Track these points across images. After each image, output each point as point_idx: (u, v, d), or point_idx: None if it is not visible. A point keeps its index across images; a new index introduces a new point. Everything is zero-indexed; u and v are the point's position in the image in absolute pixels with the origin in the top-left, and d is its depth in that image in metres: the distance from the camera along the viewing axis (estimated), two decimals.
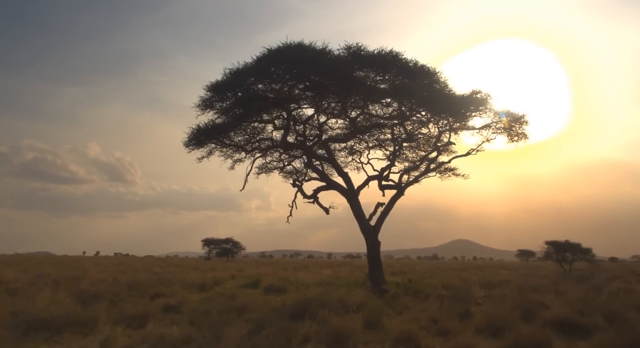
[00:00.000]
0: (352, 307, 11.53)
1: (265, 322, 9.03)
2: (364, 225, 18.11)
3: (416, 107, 17.54)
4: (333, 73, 15.41)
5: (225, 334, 8.18)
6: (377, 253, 17.97)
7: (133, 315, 9.77)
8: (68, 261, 49.59)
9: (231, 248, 63.82)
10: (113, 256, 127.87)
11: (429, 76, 16.94)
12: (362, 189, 18.97)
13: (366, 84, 16.26)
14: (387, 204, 18.78)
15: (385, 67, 16.46)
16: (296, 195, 21.13)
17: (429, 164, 19.57)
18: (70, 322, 8.70)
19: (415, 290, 16.24)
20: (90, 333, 8.45)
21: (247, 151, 19.92)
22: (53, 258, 62.14)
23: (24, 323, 8.64)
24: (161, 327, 9.00)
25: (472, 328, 9.62)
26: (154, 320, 9.87)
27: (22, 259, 50.89)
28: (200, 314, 10.57)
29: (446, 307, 12.12)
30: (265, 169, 21.69)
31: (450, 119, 17.97)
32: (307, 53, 15.83)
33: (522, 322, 10.12)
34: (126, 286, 15.09)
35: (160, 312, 10.57)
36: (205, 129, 18.55)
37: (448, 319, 10.22)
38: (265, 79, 16.94)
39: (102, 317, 9.08)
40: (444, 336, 8.81)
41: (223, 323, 9.56)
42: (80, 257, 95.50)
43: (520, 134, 18.24)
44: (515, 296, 15.52)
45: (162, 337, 8.09)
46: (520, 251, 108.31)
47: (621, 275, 33.66)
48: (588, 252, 35.90)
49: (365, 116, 18.16)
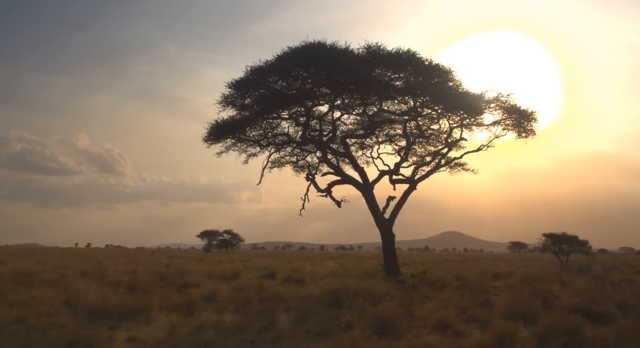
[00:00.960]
0: (379, 296, 12.20)
1: (308, 310, 9.62)
2: (379, 218, 18.74)
3: (430, 104, 18.12)
4: (353, 72, 15.92)
5: (277, 321, 8.78)
6: (392, 245, 18.64)
7: (179, 304, 10.32)
8: (72, 253, 49.84)
9: (230, 240, 64.33)
10: (105, 248, 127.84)
11: (443, 74, 17.52)
12: (376, 183, 19.57)
13: (384, 82, 16.79)
14: (401, 198, 19.43)
15: (402, 65, 17.01)
16: (308, 189, 21.70)
17: (440, 159, 20.19)
18: (127, 311, 9.24)
19: (430, 281, 16.94)
20: (147, 321, 8.98)
21: (263, 145, 20.43)
22: (55, 250, 62.21)
23: (82, 312, 9.14)
24: (210, 315, 9.55)
25: (498, 316, 10.25)
26: (198, 308, 10.41)
27: (24, 251, 50.99)
28: (242, 303, 11.13)
29: (467, 296, 12.82)
30: (278, 164, 22.20)
31: (463, 116, 18.56)
32: (328, 52, 16.34)
33: (543, 310, 10.80)
34: (156, 277, 15.60)
35: (202, 301, 11.11)
36: (223, 125, 19.05)
37: (474, 307, 10.88)
38: (286, 77, 17.41)
39: (155, 305, 9.61)
40: (476, 323, 9.44)
41: (267, 311, 10.18)
42: (78, 249, 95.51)
43: (529, 130, 18.91)
44: (525, 287, 16.28)
45: (218, 323, 8.68)
46: (512, 243, 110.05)
47: (616, 266, 34.78)
48: (585, 244, 36.81)
49: (380, 113, 18.70)
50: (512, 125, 18.87)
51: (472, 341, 7.50)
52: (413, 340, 7.40)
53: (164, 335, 7.95)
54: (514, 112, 18.63)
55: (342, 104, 18.33)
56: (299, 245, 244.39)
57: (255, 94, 17.81)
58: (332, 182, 20.43)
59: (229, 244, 64.07)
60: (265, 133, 20.23)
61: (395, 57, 16.66)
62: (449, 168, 20.81)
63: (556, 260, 39.54)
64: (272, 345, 7.31)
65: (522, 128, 18.73)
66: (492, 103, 18.46)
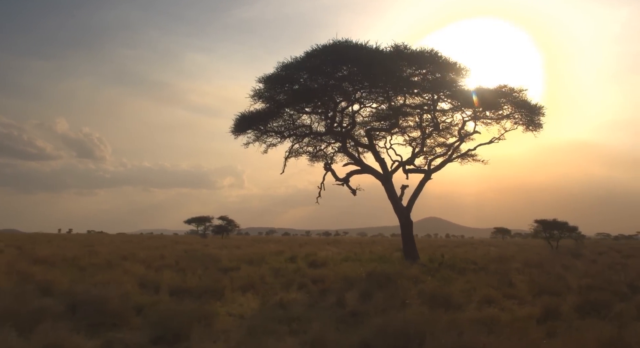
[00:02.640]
0: (412, 277, 13.47)
1: (366, 289, 10.77)
2: (398, 205, 19.96)
3: (450, 99, 19.29)
4: (382, 69, 16.98)
5: (346, 297, 9.91)
6: (411, 231, 19.89)
7: (243, 285, 11.38)
8: (68, 239, 50.20)
9: (226, 226, 65.20)
10: (88, 234, 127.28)
11: (460, 71, 18.68)
12: (394, 173, 20.75)
13: (408, 78, 17.89)
14: (417, 187, 20.64)
15: (424, 63, 18.11)
16: (324, 177, 22.83)
17: (454, 150, 21.43)
18: (205, 291, 10.27)
19: (447, 265, 18.27)
20: (226, 299, 10.02)
21: (285, 136, 21.42)
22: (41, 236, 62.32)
23: (164, 292, 10.11)
24: (280, 294, 10.63)
25: (528, 294, 11.53)
26: (258, 288, 11.49)
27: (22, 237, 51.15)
28: (292, 284, 12.22)
29: (491, 278, 14.13)
30: (296, 154, 23.22)
31: (477, 110, 19.76)
32: (356, 51, 17.37)
33: (564, 289, 12.12)
34: (196, 262, 16.59)
35: (260, 283, 12.17)
36: (248, 117, 20.01)
37: (503, 287, 12.17)
38: (314, 73, 18.38)
39: (228, 286, 10.66)
40: (513, 299, 10.69)
41: (325, 291, 11.30)
42: (65, 235, 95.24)
43: (537, 124, 20.22)
44: (533, 270, 17.67)
45: (294, 301, 9.78)
46: (496, 229, 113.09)
47: (604, 251, 36.74)
48: (574, 230, 38.81)
49: (404, 106, 19.80)
50: (522, 119, 20.12)
51: (524, 313, 8.73)
52: (476, 312, 8.58)
53: (252, 311, 9.02)
54: (523, 106, 19.89)
55: (365, 98, 19.39)
56: (282, 231, 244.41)
57: (284, 88, 18.72)
58: (351, 171, 21.54)
59: (224, 230, 64.97)
60: (287, 125, 21.20)
61: (418, 55, 17.74)
62: (460, 158, 22.07)
63: (547, 245, 41.58)
64: (374, 316, 8.35)
65: (531, 122, 20.00)
66: (503, 98, 19.69)
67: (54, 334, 5.88)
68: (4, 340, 5.39)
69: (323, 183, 23.16)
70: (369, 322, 8.10)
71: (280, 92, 19.03)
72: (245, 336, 6.70)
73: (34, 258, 15.88)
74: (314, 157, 23.72)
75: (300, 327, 7.50)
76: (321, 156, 23.52)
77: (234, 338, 6.57)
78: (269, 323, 7.66)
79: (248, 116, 20.24)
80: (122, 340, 6.43)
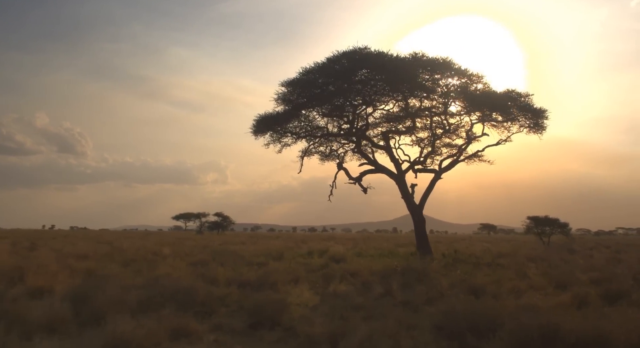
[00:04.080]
0: (436, 271, 14.60)
1: (407, 281, 11.82)
2: (411, 204, 21.06)
3: (461, 103, 20.44)
4: (402, 75, 18.04)
5: (392, 289, 10.93)
6: (424, 227, 21.00)
7: (289, 279, 12.33)
8: (67, 234, 50.39)
9: (222, 222, 65.77)
10: (71, 230, 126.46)
11: (473, 77, 19.83)
12: (406, 173, 21.84)
13: (424, 83, 18.99)
14: (428, 186, 21.76)
15: (439, 69, 19.21)
16: (336, 176, 23.88)
17: (462, 151, 22.59)
18: (260, 283, 11.20)
19: (460, 260, 19.42)
20: (283, 291, 10.95)
21: (301, 136, 22.39)
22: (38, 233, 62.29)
23: (222, 284, 11.03)
24: (330, 286, 11.61)
25: (549, 285, 12.67)
26: (303, 281, 12.45)
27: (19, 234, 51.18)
28: (329, 278, 13.18)
29: (507, 271, 15.30)
30: (308, 153, 24.19)
31: (486, 113, 20.91)
32: (375, 57, 18.42)
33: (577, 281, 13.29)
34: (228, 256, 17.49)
35: (304, 276, 13.13)
36: (266, 119, 20.97)
37: (523, 279, 13.31)
38: (335, 77, 19.36)
39: (279, 279, 11.60)
40: (537, 290, 11.82)
41: (367, 283, 12.31)
42: (50, 231, 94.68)
43: (542, 127, 21.46)
44: (539, 264, 18.92)
45: (345, 292, 10.77)
46: (482, 225, 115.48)
47: (594, 246, 38.45)
48: (565, 226, 40.39)
49: (420, 110, 20.90)
50: (527, 122, 21.33)
51: (557, 301, 9.85)
52: (515, 300, 9.67)
53: (314, 301, 9.98)
54: (528, 110, 21.10)
55: (383, 101, 20.46)
56: (267, 227, 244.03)
57: (305, 91, 19.68)
58: (365, 171, 22.58)
59: (220, 226, 65.54)
60: (304, 126, 22.17)
61: (434, 62, 18.84)
62: (467, 159, 23.23)
63: (538, 241, 43.15)
64: (426, 305, 9.38)
65: (536, 125, 21.22)
66: (511, 101, 20.88)
67: (176, 320, 6.80)
68: (141, 324, 6.27)
69: (335, 181, 24.20)
70: (423, 309, 9.20)
71: (301, 96, 19.96)
72: (329, 321, 7.65)
73: (75, 255, 16.56)
74: (325, 157, 24.70)
75: (368, 313, 8.47)
76: (333, 155, 24.51)
77: (320, 323, 7.51)
78: (338, 310, 8.62)
79: (266, 117, 21.15)
80: (228, 325, 7.36)
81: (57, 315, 6.70)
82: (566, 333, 5.81)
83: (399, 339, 6.24)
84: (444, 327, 7.23)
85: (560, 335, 5.80)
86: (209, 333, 6.87)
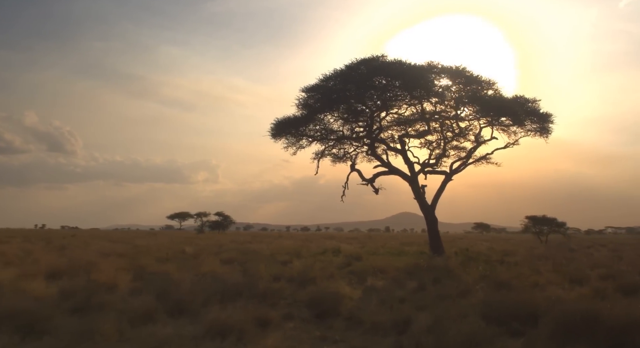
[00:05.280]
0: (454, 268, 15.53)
1: (436, 277, 12.73)
2: (424, 204, 22.02)
3: (472, 108, 21.44)
4: (419, 82, 19.01)
5: (424, 282, 11.82)
6: (436, 227, 21.97)
7: (326, 275, 13.20)
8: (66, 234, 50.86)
9: (222, 221, 66.46)
10: (62, 230, 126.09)
11: (485, 84, 20.82)
12: (418, 175, 22.79)
13: (439, 89, 19.97)
14: (440, 187, 22.72)
15: (453, 76, 20.20)
16: (348, 177, 24.81)
17: (471, 154, 23.58)
18: (301, 279, 12.06)
19: (471, 258, 20.41)
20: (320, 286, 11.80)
21: (317, 139, 23.30)
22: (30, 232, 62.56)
23: (266, 281, 11.88)
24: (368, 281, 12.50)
25: (563, 280, 13.62)
26: (337, 278, 13.31)
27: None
28: (370, 273, 14.04)
29: (520, 268, 16.28)
30: (322, 155, 25.09)
31: (499, 118, 21.88)
32: (393, 65, 19.39)
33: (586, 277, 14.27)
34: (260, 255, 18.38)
35: (336, 273, 14.00)
36: (284, 123, 21.88)
37: (538, 274, 14.28)
38: (353, 83, 20.28)
39: (318, 275, 12.48)
40: (554, 285, 12.77)
41: (397, 279, 13.21)
42: (44, 231, 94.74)
43: (547, 131, 22.48)
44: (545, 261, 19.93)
45: (382, 286, 11.66)
46: (476, 224, 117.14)
47: (591, 245, 39.72)
48: (562, 225, 41.67)
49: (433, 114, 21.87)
50: (534, 126, 22.35)
51: (576, 294, 10.79)
52: (542, 292, 10.61)
53: (357, 294, 10.84)
54: (534, 114, 22.13)
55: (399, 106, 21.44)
56: (259, 226, 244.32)
57: (325, 97, 20.59)
58: (378, 173, 23.51)
59: (220, 225, 66.19)
60: (320, 130, 23.07)
61: (448, 70, 19.82)
62: (476, 161, 24.22)
63: (536, 239, 44.42)
64: (459, 298, 10.29)
65: (542, 129, 22.25)
66: (519, 106, 21.89)
67: (255, 310, 7.64)
68: (229, 312, 7.10)
69: (347, 182, 25.10)
70: (458, 301, 10.09)
71: (319, 101, 20.85)
72: (384, 310, 8.51)
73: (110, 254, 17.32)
74: (337, 158, 25.60)
75: (413, 304, 9.34)
76: (345, 157, 25.42)
77: (378, 312, 8.37)
78: (386, 302, 9.50)
79: (284, 121, 22.04)
80: (297, 314, 8.22)
81: (150, 306, 7.51)
82: (605, 319, 6.73)
83: (459, 325, 7.13)
84: (489, 316, 8.13)
85: (601, 320, 6.71)
86: (284, 322, 7.72)
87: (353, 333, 7.36)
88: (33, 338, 6.17)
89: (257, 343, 6.35)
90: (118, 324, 6.49)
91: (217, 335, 6.40)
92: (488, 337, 6.65)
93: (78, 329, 6.23)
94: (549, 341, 6.53)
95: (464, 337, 6.53)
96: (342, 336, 7.13)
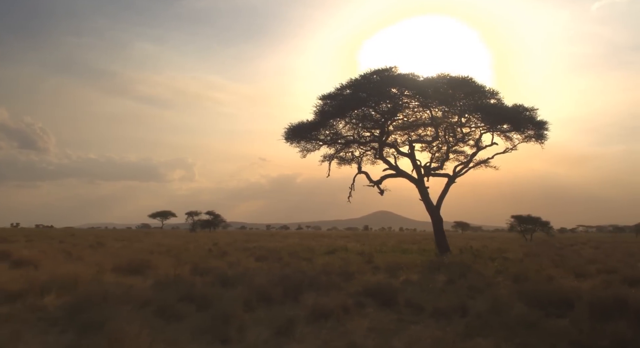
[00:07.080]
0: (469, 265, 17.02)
1: (456, 272, 14.17)
2: (430, 205, 23.52)
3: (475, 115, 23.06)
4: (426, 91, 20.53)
5: (453, 275, 13.22)
6: (441, 226, 23.50)
7: (357, 270, 14.52)
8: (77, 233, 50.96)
9: (213, 220, 67.14)
10: (36, 228, 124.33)
11: (488, 93, 22.47)
12: (424, 177, 24.30)
13: (447, 99, 21.52)
14: (443, 189, 24.27)
15: (460, 86, 21.77)
16: (354, 179, 26.18)
17: (473, 157, 25.19)
18: (343, 273, 13.35)
19: (476, 255, 22.01)
20: (359, 279, 13.12)
21: (328, 143, 24.65)
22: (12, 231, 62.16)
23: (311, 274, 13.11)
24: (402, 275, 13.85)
25: (569, 274, 15.18)
26: (366, 272, 14.64)
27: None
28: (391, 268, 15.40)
29: (525, 263, 17.88)
30: (329, 158, 26.43)
31: (499, 125, 23.52)
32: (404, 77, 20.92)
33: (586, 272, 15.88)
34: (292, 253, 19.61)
35: (366, 268, 15.33)
36: (298, 128, 23.23)
37: (545, 269, 15.86)
38: (368, 92, 21.68)
39: (355, 269, 13.79)
40: (565, 278, 14.32)
41: (422, 273, 14.60)
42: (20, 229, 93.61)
43: (543, 137, 24.21)
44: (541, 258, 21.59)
45: (416, 280, 13.02)
46: (456, 223, 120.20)
47: (574, 243, 41.99)
48: (546, 225, 43.89)
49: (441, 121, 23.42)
50: (531, 133, 24.06)
51: (589, 285, 12.33)
52: (561, 284, 12.10)
53: (400, 284, 12.15)
54: (532, 122, 23.84)
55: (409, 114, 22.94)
56: (237, 224, 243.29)
57: (340, 104, 21.94)
58: (385, 175, 24.93)
59: (211, 224, 66.82)
60: (329, 134, 24.42)
61: (456, 80, 21.40)
62: (476, 165, 25.84)
63: (521, 238, 46.59)
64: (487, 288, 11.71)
65: (539, 135, 23.97)
66: (518, 114, 23.56)
67: (335, 297, 8.91)
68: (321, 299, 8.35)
69: (353, 184, 26.47)
70: (488, 291, 11.52)
71: (334, 107, 22.20)
72: (437, 298, 9.84)
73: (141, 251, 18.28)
74: (343, 161, 26.96)
75: (454, 293, 10.71)
76: (352, 160, 26.79)
77: (433, 299, 9.69)
78: (429, 291, 10.86)
79: (298, 126, 23.38)
80: (366, 303, 9.50)
81: (246, 295, 8.71)
82: (632, 302, 8.22)
83: (509, 308, 8.53)
84: (529, 302, 9.57)
85: (630, 303, 8.19)
86: (359, 309, 8.99)
87: (421, 316, 8.67)
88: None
89: (354, 323, 7.62)
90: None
91: (320, 317, 7.65)
92: (537, 318, 8.05)
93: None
94: (589, 321, 7.98)
95: (519, 318, 7.92)
96: (414, 319, 8.43)
